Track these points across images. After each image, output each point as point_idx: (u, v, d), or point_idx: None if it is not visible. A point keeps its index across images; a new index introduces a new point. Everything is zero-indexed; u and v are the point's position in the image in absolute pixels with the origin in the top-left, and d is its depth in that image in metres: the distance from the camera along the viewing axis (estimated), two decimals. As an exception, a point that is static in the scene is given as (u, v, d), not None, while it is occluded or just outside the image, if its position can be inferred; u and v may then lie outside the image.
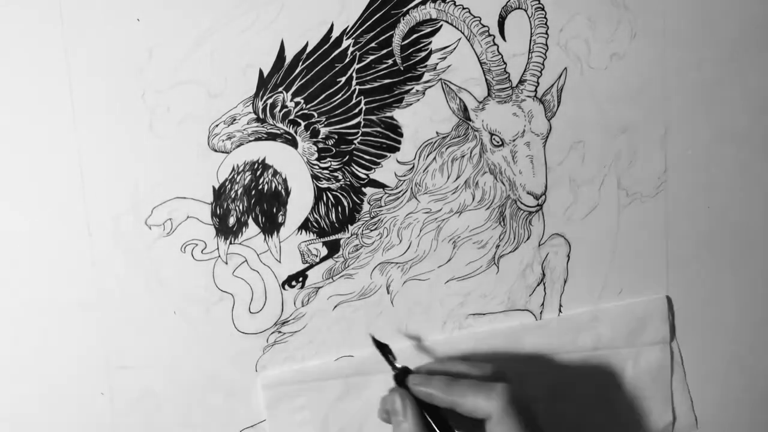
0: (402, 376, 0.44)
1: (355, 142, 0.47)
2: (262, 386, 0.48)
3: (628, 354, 0.52)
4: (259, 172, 0.47)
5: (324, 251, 0.48)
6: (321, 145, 0.47)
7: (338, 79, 0.46)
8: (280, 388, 0.48)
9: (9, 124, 0.44)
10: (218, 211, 0.47)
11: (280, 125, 0.46)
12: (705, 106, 0.51)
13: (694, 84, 0.50)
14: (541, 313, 0.51)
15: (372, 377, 0.48)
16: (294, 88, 0.46)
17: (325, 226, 0.48)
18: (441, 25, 0.46)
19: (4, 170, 0.44)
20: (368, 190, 0.48)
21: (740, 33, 0.49)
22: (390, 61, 0.46)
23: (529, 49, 0.47)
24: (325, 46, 0.46)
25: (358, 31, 0.46)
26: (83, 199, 0.45)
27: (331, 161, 0.47)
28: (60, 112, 0.44)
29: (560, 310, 0.51)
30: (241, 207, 0.47)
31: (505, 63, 0.47)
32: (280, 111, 0.46)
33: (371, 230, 0.48)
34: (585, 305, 0.52)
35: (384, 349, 0.46)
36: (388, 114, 0.47)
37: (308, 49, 0.46)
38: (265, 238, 0.47)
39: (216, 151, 0.46)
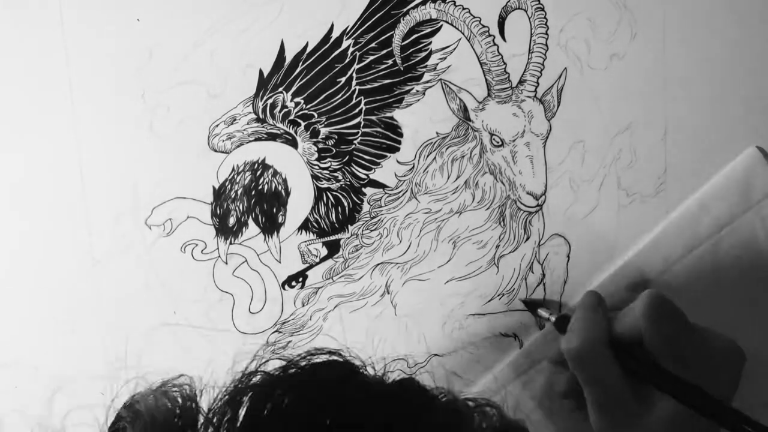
0: (562, 321, 0.45)
1: (355, 142, 0.47)
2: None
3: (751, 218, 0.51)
4: (259, 173, 0.47)
5: (324, 251, 0.48)
6: (321, 146, 0.47)
7: (338, 80, 0.46)
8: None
9: (9, 124, 0.44)
10: (218, 211, 0.47)
11: (280, 125, 0.46)
12: (705, 106, 0.51)
13: (694, 84, 0.50)
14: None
15: None
16: (294, 88, 0.46)
17: (325, 227, 0.48)
18: (441, 26, 0.46)
19: (4, 170, 0.44)
20: (368, 191, 0.48)
21: (741, 33, 0.49)
22: (390, 62, 0.46)
23: (529, 50, 0.47)
24: (325, 47, 0.46)
25: (358, 32, 0.46)
26: (83, 198, 0.45)
27: (331, 161, 0.47)
28: (60, 111, 0.44)
29: (560, 310, 0.51)
30: (241, 207, 0.47)
31: (505, 63, 0.47)
32: (280, 111, 0.46)
33: (371, 230, 0.48)
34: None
35: (533, 308, 0.47)
36: (388, 114, 0.47)
37: (308, 50, 0.46)
38: (265, 239, 0.47)
39: (216, 151, 0.46)
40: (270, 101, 0.46)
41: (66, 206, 0.45)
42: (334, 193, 0.47)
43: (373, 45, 0.46)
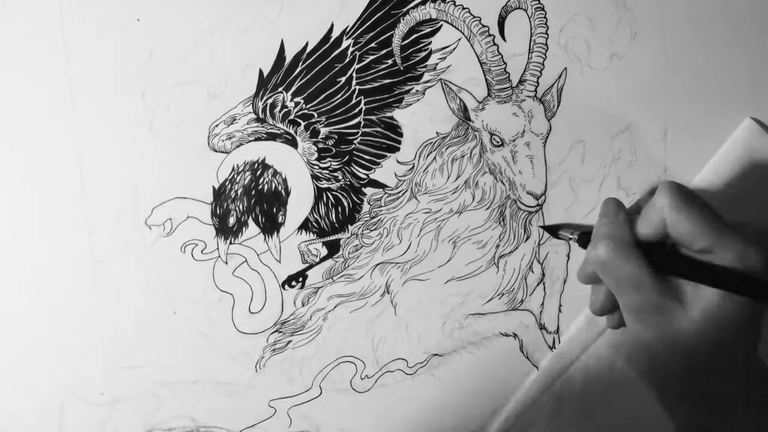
0: (585, 238, 0.44)
1: (355, 142, 0.47)
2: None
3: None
4: (259, 172, 0.47)
5: (324, 251, 0.48)
6: (321, 145, 0.47)
7: (338, 79, 0.46)
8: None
9: (9, 124, 0.44)
10: (218, 211, 0.47)
11: (280, 125, 0.46)
12: (705, 107, 0.51)
13: (694, 84, 0.50)
14: (540, 312, 0.51)
15: None
16: (294, 88, 0.46)
17: (325, 226, 0.48)
18: (441, 25, 0.46)
19: (3, 169, 0.44)
20: (368, 190, 0.48)
21: (740, 33, 0.49)
22: (390, 61, 0.46)
23: (529, 49, 0.47)
24: (325, 46, 0.46)
25: (358, 31, 0.46)
26: (83, 198, 0.45)
27: (331, 161, 0.47)
28: (60, 111, 0.44)
29: (560, 310, 0.51)
30: (241, 207, 0.47)
31: (505, 63, 0.47)
32: (280, 111, 0.46)
33: (371, 230, 0.48)
34: (584, 306, 0.51)
35: (554, 231, 0.47)
36: (388, 114, 0.47)
37: (308, 49, 0.46)
38: (265, 238, 0.47)
39: (216, 151, 0.46)
40: (270, 101, 0.46)
41: (66, 206, 0.45)
42: (334, 193, 0.47)
43: (373, 45, 0.46)
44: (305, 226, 0.47)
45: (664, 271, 0.41)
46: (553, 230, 0.48)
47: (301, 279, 0.48)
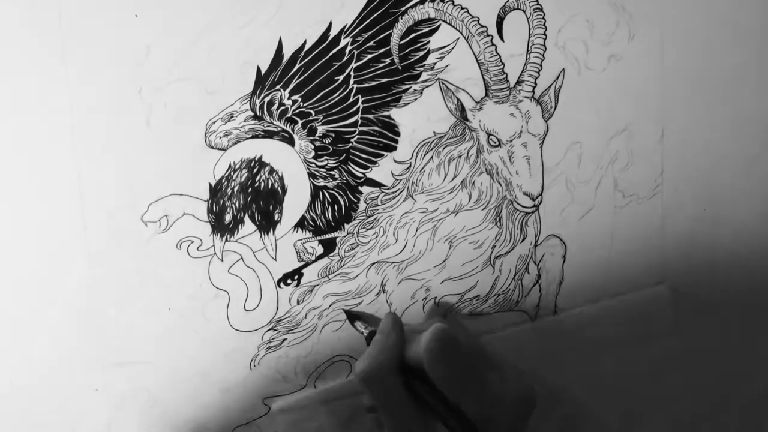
0: (371, 337, 0.44)
1: (352, 140, 0.47)
2: (278, 411, 0.48)
3: None
4: (255, 170, 0.47)
5: (320, 250, 0.48)
6: (318, 144, 0.47)
7: (336, 78, 0.46)
8: (291, 414, 0.48)
9: (6, 119, 0.44)
10: (214, 208, 0.46)
11: (277, 123, 0.46)
12: (703, 108, 0.51)
13: (692, 86, 0.50)
14: (536, 314, 0.51)
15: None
16: (292, 86, 0.46)
17: (321, 225, 0.48)
18: (439, 25, 0.46)
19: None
20: (365, 189, 0.48)
21: (738, 34, 0.49)
22: (388, 60, 0.46)
23: (527, 50, 0.47)
24: (324, 45, 0.46)
25: (357, 30, 0.46)
26: (79, 194, 0.45)
27: (327, 159, 0.47)
28: (57, 107, 0.44)
29: (555, 312, 0.51)
30: (237, 204, 0.47)
31: (503, 63, 0.47)
32: (277, 109, 0.46)
33: (367, 229, 0.48)
34: (580, 306, 0.52)
35: (352, 320, 0.46)
36: (386, 113, 0.47)
37: (306, 47, 0.45)
38: (261, 236, 0.47)
39: (213, 148, 0.46)
40: (267, 99, 0.46)
41: (62, 201, 0.45)
42: (330, 191, 0.47)
43: (371, 44, 0.46)
44: (301, 224, 0.47)
45: (420, 401, 0.41)
46: (352, 318, 0.47)
47: (296, 277, 0.48)
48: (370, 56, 0.46)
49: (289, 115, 0.46)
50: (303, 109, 0.46)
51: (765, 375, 0.59)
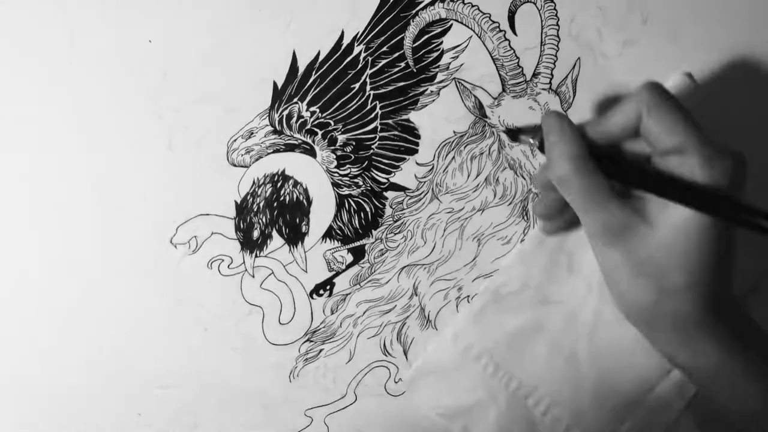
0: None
1: (373, 147, 0.47)
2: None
3: None
4: (279, 184, 0.47)
5: (349, 258, 0.48)
6: (339, 153, 0.47)
7: (352, 86, 0.46)
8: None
9: (30, 152, 0.44)
10: (242, 225, 0.47)
11: (297, 136, 0.46)
12: (720, 85, 0.50)
13: (710, 64, 0.49)
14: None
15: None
16: (309, 97, 0.46)
17: (348, 233, 0.48)
18: (451, 25, 0.46)
19: (26, 194, 0.45)
20: (389, 194, 0.48)
21: (754, 11, 0.49)
22: (402, 64, 0.46)
23: (541, 42, 0.47)
24: (337, 54, 0.46)
25: (369, 36, 0.46)
26: (107, 222, 0.45)
27: (350, 168, 0.47)
28: (78, 138, 0.44)
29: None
30: (264, 220, 0.47)
31: (517, 57, 0.47)
32: (296, 121, 0.46)
33: (395, 234, 0.48)
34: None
35: (515, 135, 0.45)
36: (404, 117, 0.47)
37: (320, 58, 0.46)
38: (290, 249, 0.47)
39: (235, 165, 0.46)
40: (286, 112, 0.46)
41: (90, 231, 0.45)
42: (355, 199, 0.47)
43: (384, 49, 0.46)
44: (329, 234, 0.48)
45: (619, 181, 0.39)
46: (514, 134, 0.45)
47: (328, 287, 0.48)
48: (384, 61, 0.46)
49: (308, 126, 0.46)
50: (322, 120, 0.46)
51: None
